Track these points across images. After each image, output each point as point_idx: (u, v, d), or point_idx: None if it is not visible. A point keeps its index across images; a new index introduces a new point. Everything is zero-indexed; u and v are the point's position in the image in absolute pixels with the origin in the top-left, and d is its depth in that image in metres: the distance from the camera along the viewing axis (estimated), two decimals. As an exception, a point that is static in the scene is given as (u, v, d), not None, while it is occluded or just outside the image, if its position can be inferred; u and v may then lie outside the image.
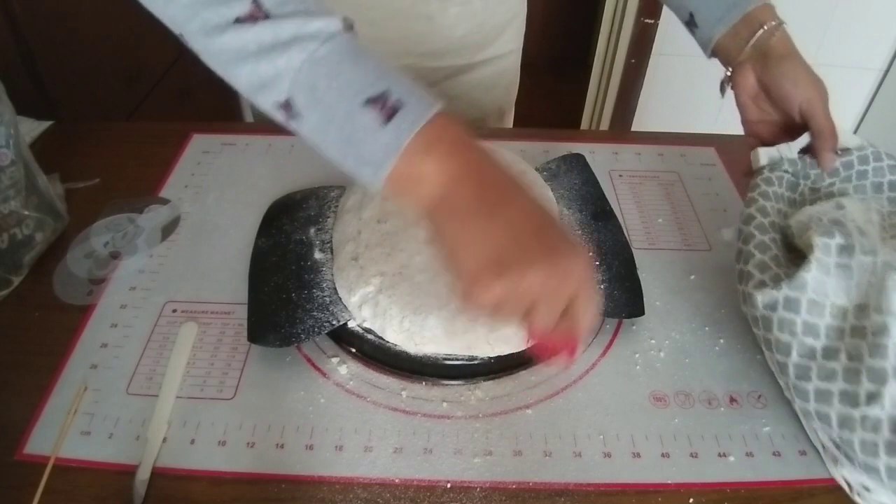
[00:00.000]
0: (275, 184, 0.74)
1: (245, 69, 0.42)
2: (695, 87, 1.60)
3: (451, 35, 0.81)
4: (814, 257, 0.50)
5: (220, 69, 0.43)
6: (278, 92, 0.42)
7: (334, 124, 0.41)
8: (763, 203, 0.57)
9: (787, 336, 0.50)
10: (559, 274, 0.40)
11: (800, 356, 0.49)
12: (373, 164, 0.41)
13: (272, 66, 0.41)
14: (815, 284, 0.49)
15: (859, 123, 1.79)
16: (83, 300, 0.61)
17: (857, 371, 0.46)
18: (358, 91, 0.41)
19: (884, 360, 0.45)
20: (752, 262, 0.54)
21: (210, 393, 0.54)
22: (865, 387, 0.46)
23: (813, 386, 0.48)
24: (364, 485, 0.48)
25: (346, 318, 0.56)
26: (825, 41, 1.63)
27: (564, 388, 0.55)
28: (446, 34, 0.81)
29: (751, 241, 0.55)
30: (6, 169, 0.60)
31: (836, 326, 0.49)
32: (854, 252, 0.50)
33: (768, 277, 0.52)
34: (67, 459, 0.49)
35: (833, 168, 0.61)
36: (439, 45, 0.82)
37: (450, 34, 0.81)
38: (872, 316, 0.47)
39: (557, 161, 0.74)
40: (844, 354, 0.48)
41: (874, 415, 0.45)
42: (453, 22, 0.80)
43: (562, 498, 0.48)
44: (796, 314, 0.49)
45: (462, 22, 0.81)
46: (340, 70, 0.41)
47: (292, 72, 0.41)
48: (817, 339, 0.49)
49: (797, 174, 0.61)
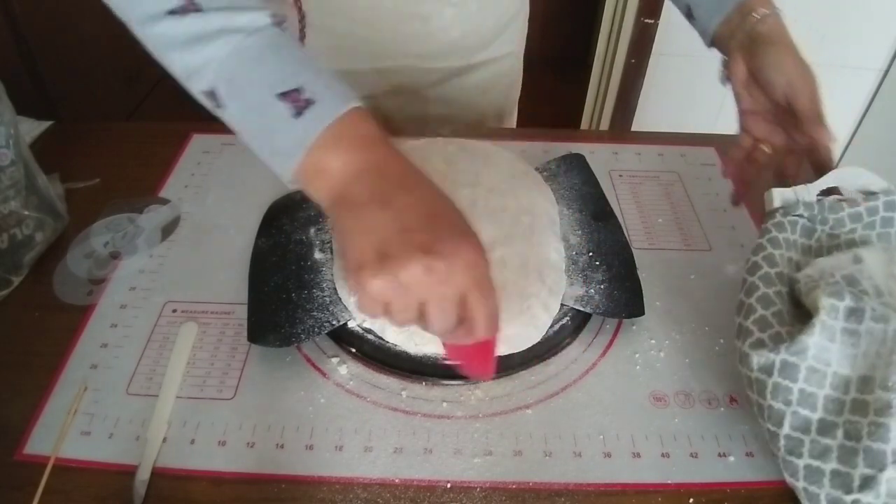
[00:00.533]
0: (275, 184, 0.73)
1: (177, 57, 0.44)
2: (695, 87, 1.60)
3: (446, 37, 0.81)
4: (818, 320, 0.46)
5: (157, 56, 0.45)
6: (205, 81, 0.44)
7: (252, 115, 0.44)
8: (771, 251, 0.53)
9: (780, 405, 0.46)
10: (442, 268, 0.38)
11: (792, 428, 0.46)
12: (283, 155, 0.43)
13: (200, 56, 0.43)
14: (817, 350, 0.46)
15: (859, 123, 1.79)
16: (83, 300, 0.61)
17: (854, 451, 0.43)
18: (274, 84, 0.43)
19: (884, 442, 0.42)
20: (753, 318, 0.50)
21: (210, 393, 0.54)
22: (861, 470, 0.42)
23: (804, 463, 0.45)
24: (364, 485, 0.48)
25: (346, 318, 0.56)
26: (825, 41, 1.63)
27: (564, 388, 0.55)
28: (442, 36, 0.81)
29: (753, 294, 0.51)
30: (6, 169, 0.60)
31: (835, 398, 0.45)
32: (864, 318, 0.46)
33: (768, 337, 0.48)
34: (67, 459, 0.49)
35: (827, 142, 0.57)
36: (435, 46, 0.82)
37: (445, 36, 0.81)
38: (877, 391, 0.44)
39: (557, 161, 0.74)
40: (842, 431, 0.44)
41: (867, 502, 0.42)
42: (449, 23, 0.80)
43: (562, 498, 0.48)
44: (793, 382, 0.46)
45: (458, 23, 0.80)
46: (261, 63, 0.44)
47: (217, 62, 0.43)
48: (814, 411, 0.45)
49: (813, 219, 0.56)
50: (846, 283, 0.49)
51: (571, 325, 0.58)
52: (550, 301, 0.56)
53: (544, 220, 0.62)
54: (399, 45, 0.80)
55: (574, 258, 0.62)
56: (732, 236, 0.70)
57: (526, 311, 0.54)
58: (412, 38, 0.80)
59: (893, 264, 0.52)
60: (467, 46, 0.84)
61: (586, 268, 0.61)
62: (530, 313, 0.54)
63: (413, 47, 0.81)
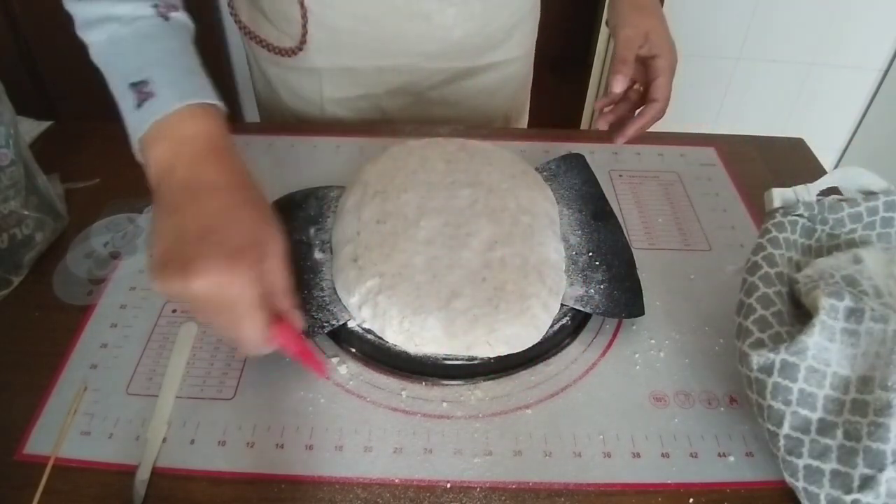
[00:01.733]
0: (275, 184, 0.74)
1: (81, 35, 0.50)
2: (695, 87, 1.60)
3: (449, 36, 0.81)
4: (818, 320, 0.46)
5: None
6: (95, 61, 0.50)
7: (117, 99, 0.48)
8: (771, 251, 0.53)
9: (780, 405, 0.46)
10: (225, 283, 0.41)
11: (792, 428, 0.46)
12: (131, 140, 0.47)
13: (88, 39, 0.50)
14: (817, 350, 0.46)
15: (859, 123, 1.79)
16: (83, 300, 0.61)
17: (854, 451, 0.43)
18: (129, 74, 0.47)
19: (884, 443, 0.42)
20: (752, 318, 0.49)
21: (210, 393, 0.54)
22: (861, 470, 0.42)
23: (804, 463, 0.45)
24: (364, 485, 0.48)
25: (346, 318, 0.56)
26: (825, 41, 1.63)
27: (564, 388, 0.55)
28: (444, 35, 0.81)
29: (753, 294, 0.51)
30: (6, 169, 0.60)
31: (835, 398, 0.45)
32: (864, 318, 0.46)
33: (768, 337, 0.48)
34: (67, 459, 0.49)
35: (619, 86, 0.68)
36: (437, 45, 0.82)
37: (448, 35, 0.81)
38: (877, 391, 0.43)
39: (557, 161, 0.74)
40: (841, 431, 0.44)
41: (867, 503, 0.42)
42: (452, 23, 0.79)
43: (561, 498, 0.48)
44: (793, 382, 0.46)
45: (461, 23, 0.80)
46: (126, 52, 0.49)
47: (96, 47, 0.50)
48: (814, 410, 0.45)
49: (814, 219, 0.56)
50: (846, 284, 0.49)
51: (571, 325, 0.58)
52: (550, 301, 0.56)
53: (544, 220, 0.62)
54: (401, 43, 0.80)
55: (574, 258, 0.62)
56: (732, 236, 0.70)
57: (526, 310, 0.54)
58: (414, 36, 0.80)
59: (893, 265, 0.52)
60: (471, 47, 0.84)
61: (586, 268, 0.61)
62: (530, 313, 0.54)
63: (415, 46, 0.81)
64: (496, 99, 0.92)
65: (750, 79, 1.74)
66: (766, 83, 1.75)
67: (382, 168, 0.66)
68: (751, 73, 1.73)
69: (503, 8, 0.83)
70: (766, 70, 1.72)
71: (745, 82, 1.74)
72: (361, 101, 0.87)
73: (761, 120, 1.80)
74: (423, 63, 0.83)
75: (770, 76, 1.74)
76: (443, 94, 0.88)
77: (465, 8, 0.79)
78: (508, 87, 0.92)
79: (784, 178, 0.79)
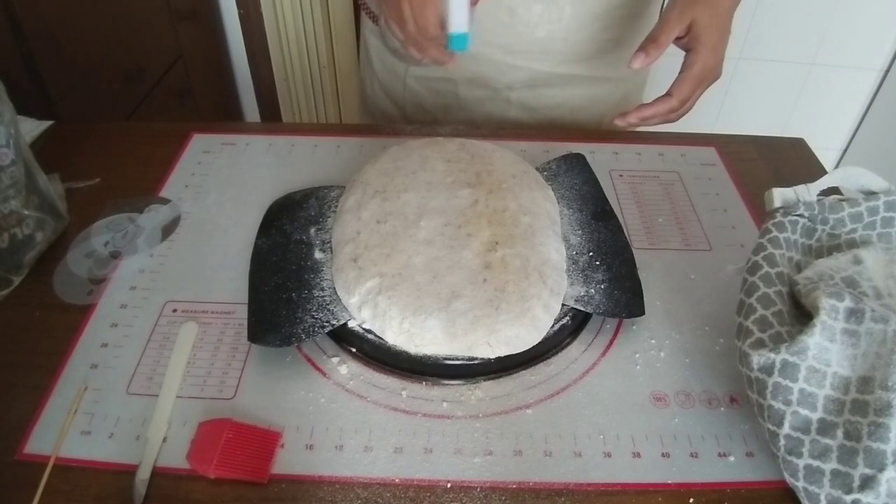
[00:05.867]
0: (275, 184, 0.74)
1: None
2: (695, 87, 1.60)
3: (530, 34, 0.78)
4: (819, 320, 0.46)
5: None
6: None
7: None
8: (772, 251, 0.53)
9: (780, 404, 0.46)
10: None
11: (792, 428, 0.46)
12: None
13: None
14: (818, 350, 0.46)
15: (859, 123, 1.79)
16: (83, 300, 0.61)
17: (854, 451, 0.43)
18: None
19: (884, 443, 0.42)
20: (753, 318, 0.49)
21: (210, 393, 0.54)
22: (861, 470, 0.42)
23: (804, 462, 0.45)
24: (364, 485, 0.48)
25: (346, 317, 0.56)
26: (825, 41, 1.63)
27: (564, 388, 0.55)
28: (525, 31, 0.78)
29: (754, 294, 0.51)
30: (6, 169, 0.60)
31: (835, 398, 0.45)
32: (864, 318, 0.46)
33: (768, 337, 0.48)
34: (67, 459, 0.49)
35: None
36: (517, 41, 0.79)
37: (529, 33, 0.78)
38: (877, 392, 0.44)
39: (557, 161, 0.74)
40: (842, 431, 0.44)
41: (867, 502, 0.42)
42: (536, 20, 0.77)
43: (562, 498, 0.48)
44: (793, 381, 0.46)
45: (545, 22, 0.77)
46: None
47: None
48: (814, 410, 0.45)
49: (814, 219, 0.56)
50: (846, 286, 0.49)
51: (572, 324, 0.58)
52: (551, 302, 0.56)
53: (545, 221, 0.62)
54: (482, 32, 0.77)
55: (574, 258, 0.62)
56: (732, 236, 0.70)
57: (527, 312, 0.54)
58: (495, 27, 0.78)
59: (893, 265, 0.52)
60: (554, 51, 0.81)
61: (586, 268, 0.61)
62: (531, 314, 0.54)
63: (495, 38, 0.79)
64: (580, 117, 0.88)
65: (750, 79, 1.74)
66: (766, 83, 1.75)
67: (382, 168, 0.66)
68: (751, 73, 1.73)
69: (596, 19, 0.79)
70: (766, 70, 1.72)
71: (746, 82, 1.74)
72: (440, 83, 0.87)
73: (762, 120, 1.80)
74: (503, 57, 0.81)
75: (770, 76, 1.74)
76: (521, 97, 0.86)
77: (554, 8, 0.76)
78: (595, 109, 0.88)
79: (784, 177, 0.79)
